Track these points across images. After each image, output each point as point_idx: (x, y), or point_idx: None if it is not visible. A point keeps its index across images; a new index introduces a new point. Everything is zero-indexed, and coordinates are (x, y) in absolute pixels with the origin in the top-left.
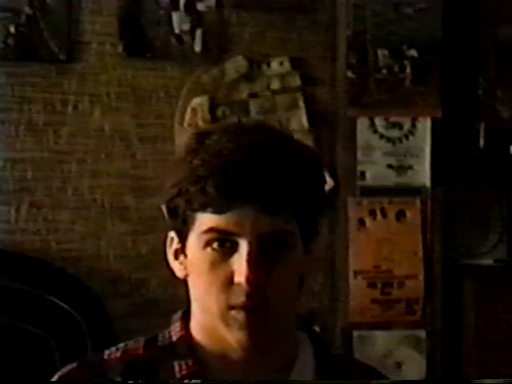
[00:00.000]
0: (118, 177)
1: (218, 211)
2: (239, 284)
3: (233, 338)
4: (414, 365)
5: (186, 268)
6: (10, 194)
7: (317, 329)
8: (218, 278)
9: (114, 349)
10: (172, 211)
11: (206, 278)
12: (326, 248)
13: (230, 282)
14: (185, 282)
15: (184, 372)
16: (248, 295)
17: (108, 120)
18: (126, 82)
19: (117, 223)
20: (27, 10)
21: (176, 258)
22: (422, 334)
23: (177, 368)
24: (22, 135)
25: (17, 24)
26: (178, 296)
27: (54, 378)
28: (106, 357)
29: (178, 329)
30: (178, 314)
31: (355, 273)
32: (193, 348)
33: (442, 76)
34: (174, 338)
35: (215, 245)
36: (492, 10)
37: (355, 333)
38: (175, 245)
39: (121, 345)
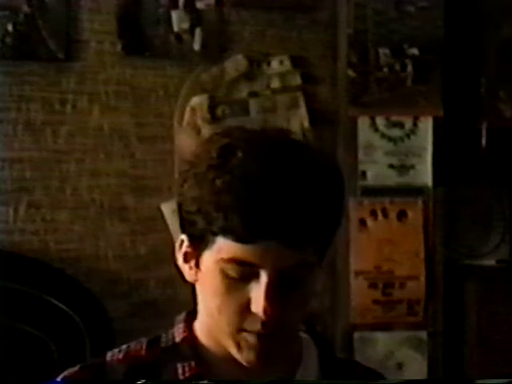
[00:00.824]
0: (117, 176)
1: (240, 240)
2: (256, 313)
3: (240, 356)
4: (416, 366)
5: (196, 274)
6: (8, 194)
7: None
8: (232, 303)
9: (116, 351)
10: (188, 223)
11: (221, 298)
12: None
13: (245, 308)
14: (192, 285)
15: (187, 374)
16: (263, 324)
17: (107, 119)
18: (125, 81)
19: (116, 223)
20: (25, 8)
21: (186, 261)
22: (424, 335)
23: (180, 370)
24: (20, 134)
25: (15, 22)
26: (177, 296)
27: (60, 378)
28: (108, 359)
29: (181, 330)
30: (182, 316)
31: (356, 273)
32: (196, 349)
33: (443, 75)
34: (178, 339)
35: (233, 273)
36: (494, 8)
37: (356, 334)
38: (186, 248)
39: (123, 347)
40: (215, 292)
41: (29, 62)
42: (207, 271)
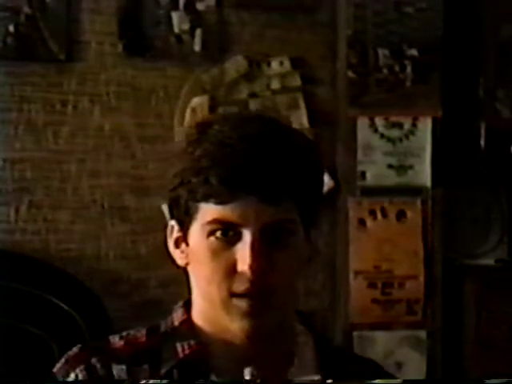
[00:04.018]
0: (118, 177)
1: (221, 202)
2: (242, 272)
3: (235, 326)
4: (415, 365)
5: (187, 256)
6: (9, 194)
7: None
8: (220, 266)
9: (116, 338)
10: (174, 201)
11: (209, 266)
12: (326, 248)
13: (232, 270)
14: (185, 270)
15: (187, 351)
16: (251, 282)
17: (108, 120)
18: (126, 82)
19: (116, 223)
20: (26, 9)
21: (177, 246)
22: (423, 334)
23: (179, 349)
24: (21, 135)
25: (16, 23)
26: (177, 296)
27: (61, 362)
28: (111, 344)
29: (180, 314)
30: (180, 303)
31: (355, 273)
32: (195, 331)
33: (442, 76)
34: (177, 323)
35: (218, 234)
36: (493, 9)
37: (355, 333)
38: (176, 233)
39: (123, 333)
40: (204, 260)
41: (30, 62)
42: (195, 243)
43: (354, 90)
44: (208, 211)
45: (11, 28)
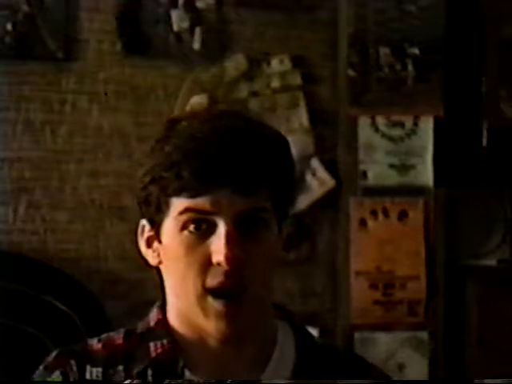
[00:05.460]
0: (117, 176)
1: (193, 195)
2: (217, 264)
3: (210, 326)
4: (416, 366)
5: (159, 255)
6: (7, 194)
7: (318, 330)
8: (195, 261)
9: (95, 340)
10: (144, 199)
11: (183, 261)
12: (327, 248)
13: (207, 263)
14: (158, 270)
15: (159, 350)
16: (227, 274)
17: (106, 119)
18: (125, 81)
19: (115, 223)
20: (25, 7)
21: (149, 246)
22: (424, 335)
23: (152, 348)
24: (19, 134)
25: (14, 22)
26: None
27: (40, 368)
28: (89, 347)
29: (155, 314)
30: (157, 303)
31: (357, 274)
32: (169, 331)
33: (444, 74)
34: (152, 324)
35: (192, 227)
36: (495, 8)
37: (357, 334)
38: (147, 232)
39: (103, 336)
40: (178, 257)
41: (28, 61)
42: (168, 240)
43: (355, 89)
44: (180, 204)
45: (9, 26)
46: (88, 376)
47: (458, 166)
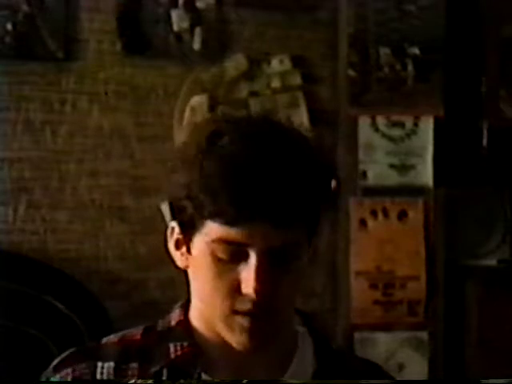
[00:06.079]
0: (117, 176)
1: (228, 222)
2: (246, 294)
3: (233, 339)
4: (416, 366)
5: (187, 259)
6: (7, 194)
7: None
8: (223, 286)
9: (112, 336)
10: (178, 210)
11: (211, 284)
12: (327, 248)
13: (236, 290)
14: (185, 272)
15: (178, 353)
16: (255, 304)
17: (106, 119)
18: (125, 81)
19: (115, 223)
20: (25, 7)
21: (177, 248)
22: (424, 335)
23: (172, 349)
24: (19, 134)
25: (14, 22)
26: (176, 297)
27: (53, 365)
28: (103, 342)
29: (177, 314)
30: (179, 303)
31: (357, 273)
32: (190, 332)
33: (444, 74)
34: (173, 323)
35: (223, 255)
36: (495, 8)
37: (357, 334)
38: (176, 235)
39: (120, 332)
40: (206, 276)
41: (28, 61)
42: (198, 255)
43: (355, 89)
44: (214, 229)
45: (9, 26)
46: (98, 371)
47: (458, 166)
